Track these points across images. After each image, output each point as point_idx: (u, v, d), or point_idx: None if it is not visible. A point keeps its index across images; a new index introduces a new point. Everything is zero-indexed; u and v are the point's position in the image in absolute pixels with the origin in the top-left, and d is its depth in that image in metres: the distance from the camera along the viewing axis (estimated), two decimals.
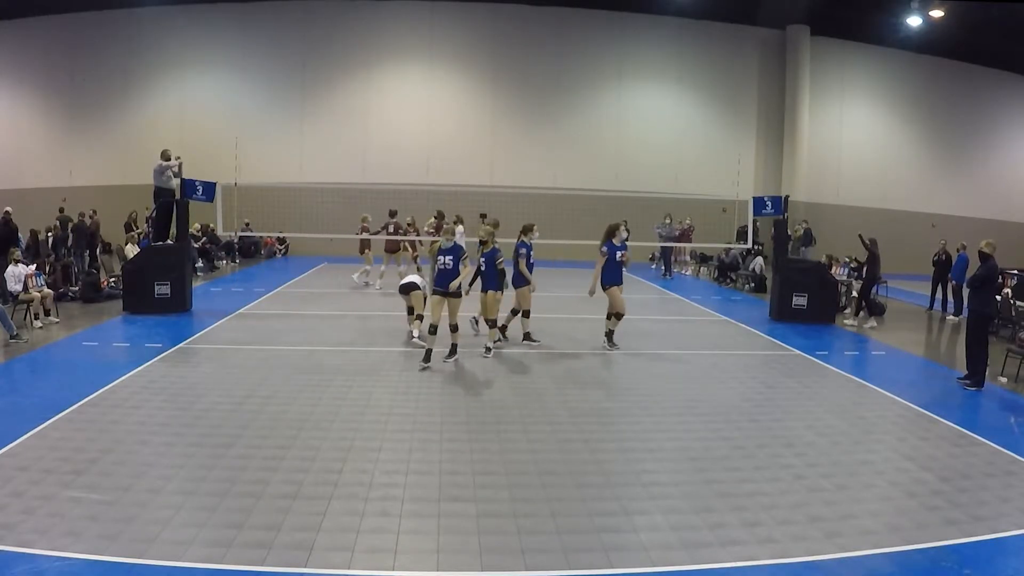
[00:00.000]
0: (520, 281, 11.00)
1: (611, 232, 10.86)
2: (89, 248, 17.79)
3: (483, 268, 10.55)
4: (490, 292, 10.42)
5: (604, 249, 10.75)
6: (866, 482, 6.09)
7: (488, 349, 10.28)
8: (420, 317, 10.87)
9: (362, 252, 17.33)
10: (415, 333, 10.83)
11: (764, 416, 7.86)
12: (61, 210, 18.91)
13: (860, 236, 14.84)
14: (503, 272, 10.59)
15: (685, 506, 5.48)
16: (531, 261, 11.17)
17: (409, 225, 18.44)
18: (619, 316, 10.86)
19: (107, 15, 23.89)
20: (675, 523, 5.17)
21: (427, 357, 9.41)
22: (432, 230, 17.34)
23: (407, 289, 11.02)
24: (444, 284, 9.46)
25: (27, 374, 9.09)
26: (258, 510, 5.17)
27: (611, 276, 10.75)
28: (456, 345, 9.87)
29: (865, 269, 14.74)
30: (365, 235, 17.12)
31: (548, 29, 25.18)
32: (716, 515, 5.32)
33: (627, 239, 11.04)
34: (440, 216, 18.32)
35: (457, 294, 9.62)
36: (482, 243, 10.78)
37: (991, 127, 27.11)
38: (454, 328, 9.82)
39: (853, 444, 7.06)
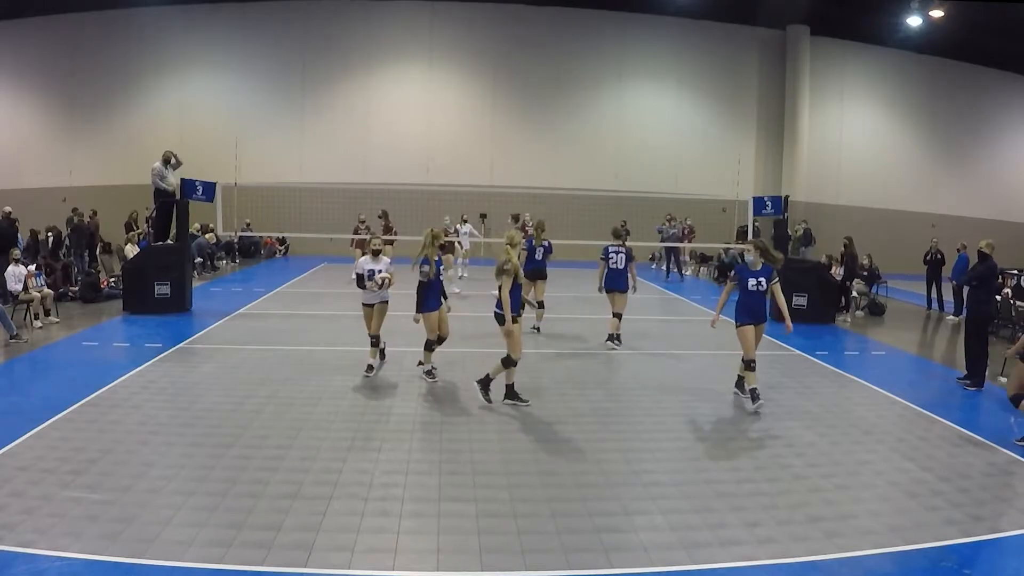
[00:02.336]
0: (625, 285, 11.06)
1: (765, 252, 8.28)
2: (89, 248, 17.78)
3: (434, 279, 8.65)
4: (443, 308, 8.86)
5: (732, 272, 8.67)
6: (866, 482, 6.09)
7: (430, 374, 8.89)
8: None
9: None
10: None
11: (764, 416, 7.85)
12: (74, 210, 18.78)
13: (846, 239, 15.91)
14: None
15: (685, 506, 5.48)
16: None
17: (362, 223, 18.33)
18: (748, 365, 8.17)
19: (107, 15, 23.88)
20: (675, 523, 5.17)
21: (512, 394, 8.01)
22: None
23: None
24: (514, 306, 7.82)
25: (27, 374, 9.09)
26: (258, 510, 5.17)
27: (745, 311, 8.16)
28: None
29: (844, 267, 15.60)
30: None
31: (548, 29, 25.17)
32: (716, 515, 5.32)
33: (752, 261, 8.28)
34: (384, 215, 17.37)
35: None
36: (441, 247, 9.08)
37: (991, 127, 27.11)
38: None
39: (853, 444, 7.06)
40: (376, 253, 8.98)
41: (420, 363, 9.04)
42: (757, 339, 8.18)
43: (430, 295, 8.62)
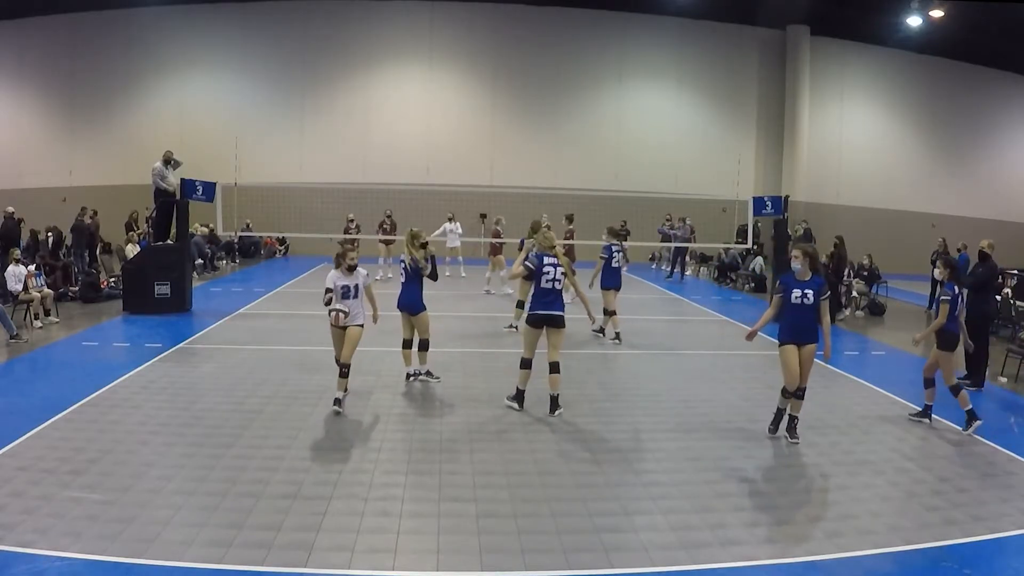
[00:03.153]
0: (620, 283, 11.65)
1: (814, 260, 7.08)
2: (89, 248, 17.77)
3: (407, 280, 8.49)
4: (426, 312, 8.54)
5: (777, 284, 7.31)
6: (866, 482, 6.08)
7: (431, 373, 8.77)
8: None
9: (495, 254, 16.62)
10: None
11: (764, 416, 7.83)
12: (83, 209, 18.72)
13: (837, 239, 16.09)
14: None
15: (685, 506, 5.47)
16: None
17: (351, 222, 18.69)
18: (798, 394, 7.08)
19: (107, 15, 23.91)
20: (675, 523, 5.17)
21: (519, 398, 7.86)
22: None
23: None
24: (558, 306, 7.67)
25: (27, 374, 9.09)
26: (258, 510, 5.17)
27: (788, 328, 7.02)
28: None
29: (832, 267, 15.73)
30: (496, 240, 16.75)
31: (548, 29, 25.18)
32: (716, 515, 5.32)
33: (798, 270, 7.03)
34: (388, 216, 18.47)
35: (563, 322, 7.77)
36: (422, 246, 8.56)
37: (991, 127, 27.11)
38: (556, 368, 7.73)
39: (853, 444, 7.06)
40: (351, 268, 7.46)
41: (409, 375, 8.65)
42: (805, 364, 6.96)
43: (421, 295, 8.50)
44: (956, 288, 7.62)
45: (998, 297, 12.71)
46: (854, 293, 15.87)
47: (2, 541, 4.58)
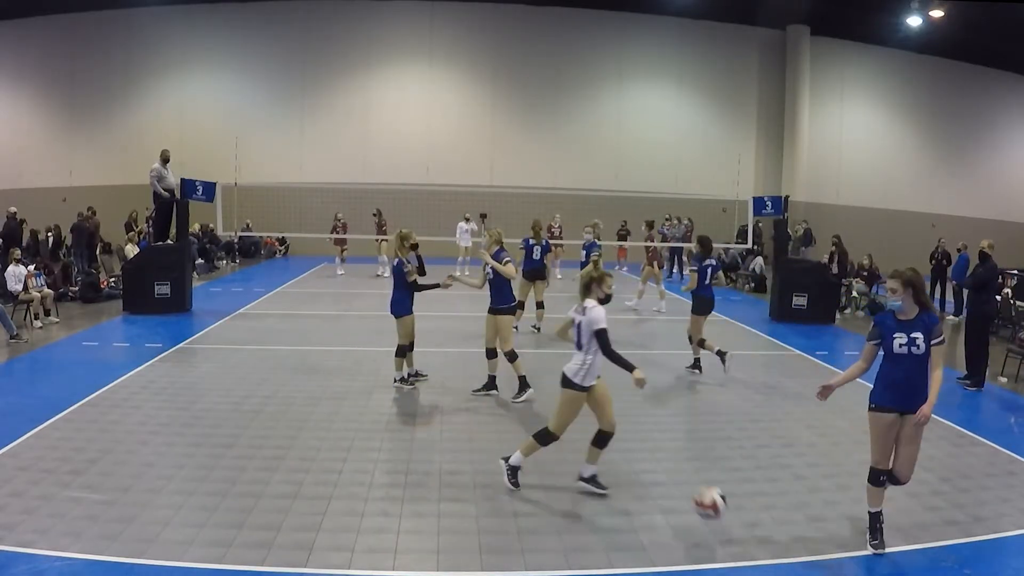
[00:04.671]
0: None
1: (919, 291, 5.02)
2: (89, 248, 17.77)
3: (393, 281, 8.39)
4: (410, 316, 8.37)
5: (872, 327, 5.23)
6: (866, 483, 6.07)
7: (405, 380, 8.53)
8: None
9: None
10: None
11: (764, 416, 7.85)
12: (89, 208, 18.68)
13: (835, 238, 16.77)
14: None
15: (685, 506, 5.46)
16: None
17: (338, 220, 18.97)
18: (874, 476, 4.92)
19: (107, 15, 23.90)
20: (675, 523, 5.17)
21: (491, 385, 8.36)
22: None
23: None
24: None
25: (27, 374, 9.09)
26: (258, 510, 5.17)
27: (887, 387, 4.91)
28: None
29: (837, 265, 16.11)
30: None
31: (548, 29, 25.19)
32: None
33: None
34: (378, 214, 18.94)
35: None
36: (413, 247, 8.40)
37: (991, 127, 27.11)
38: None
39: (853, 444, 7.04)
40: (610, 298, 5.78)
41: (408, 376, 8.51)
42: (910, 440, 4.76)
43: (407, 298, 8.29)
44: (703, 261, 9.39)
45: (998, 297, 12.70)
46: (854, 293, 15.88)
47: (2, 541, 4.58)
